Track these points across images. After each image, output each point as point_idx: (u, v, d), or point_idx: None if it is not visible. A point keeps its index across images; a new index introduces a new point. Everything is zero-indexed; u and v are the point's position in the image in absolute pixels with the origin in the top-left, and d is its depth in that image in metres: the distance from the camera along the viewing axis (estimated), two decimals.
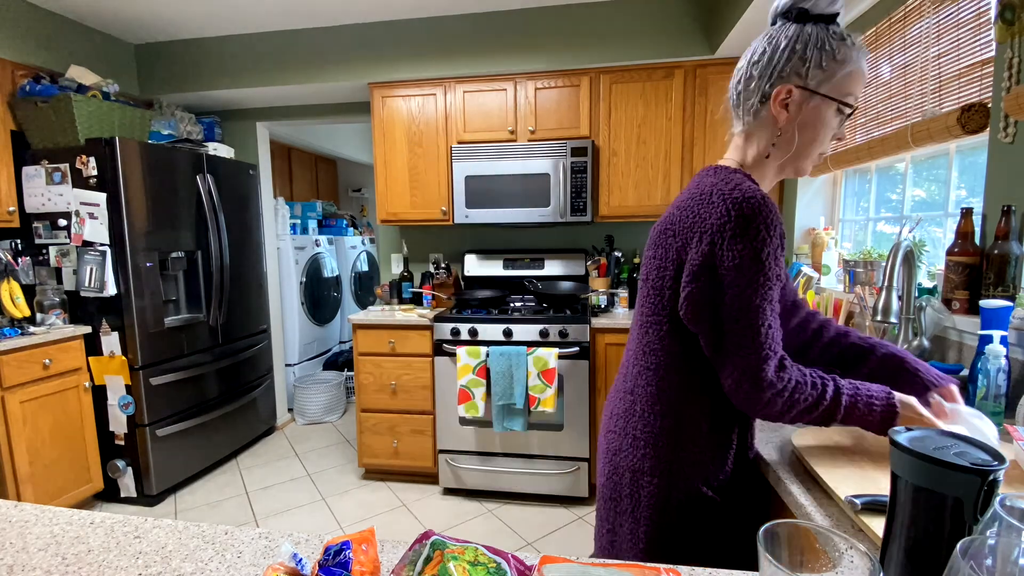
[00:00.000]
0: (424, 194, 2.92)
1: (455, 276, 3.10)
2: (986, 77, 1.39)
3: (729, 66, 2.57)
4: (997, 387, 1.04)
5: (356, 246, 4.93)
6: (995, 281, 1.24)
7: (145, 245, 2.58)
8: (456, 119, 2.84)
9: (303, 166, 4.93)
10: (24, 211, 2.57)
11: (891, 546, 0.56)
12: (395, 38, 2.86)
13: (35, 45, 2.61)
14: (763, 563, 0.45)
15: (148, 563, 0.66)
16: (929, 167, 1.86)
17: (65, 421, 2.45)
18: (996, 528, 0.44)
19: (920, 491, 0.53)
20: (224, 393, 3.10)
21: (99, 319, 2.55)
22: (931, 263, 1.73)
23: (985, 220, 1.36)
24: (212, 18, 2.82)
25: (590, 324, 2.51)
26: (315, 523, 2.49)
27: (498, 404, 2.47)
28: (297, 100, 3.34)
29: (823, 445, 0.97)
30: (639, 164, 2.71)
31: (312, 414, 3.77)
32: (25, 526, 0.74)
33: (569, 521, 2.47)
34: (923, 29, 1.68)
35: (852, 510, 0.75)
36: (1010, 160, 1.28)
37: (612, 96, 2.69)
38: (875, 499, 0.73)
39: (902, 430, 0.57)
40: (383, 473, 2.91)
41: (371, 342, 2.73)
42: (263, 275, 3.48)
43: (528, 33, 2.73)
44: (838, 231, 2.48)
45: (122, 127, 2.68)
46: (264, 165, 3.57)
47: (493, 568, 0.53)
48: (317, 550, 0.69)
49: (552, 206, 2.70)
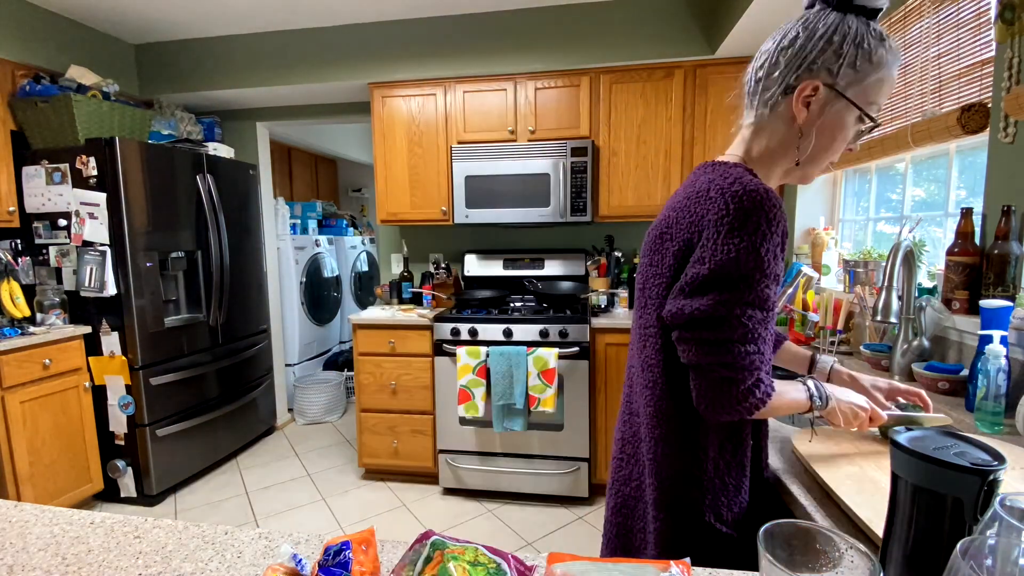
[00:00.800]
0: (424, 194, 2.92)
1: (455, 276, 3.10)
2: (986, 77, 1.39)
3: (729, 66, 2.57)
4: (997, 387, 1.04)
5: (356, 246, 4.93)
6: (995, 281, 1.24)
7: (145, 245, 2.58)
8: (456, 119, 2.84)
9: (303, 166, 4.93)
10: (24, 211, 2.57)
11: (891, 546, 0.56)
12: (395, 38, 2.86)
13: (35, 45, 2.61)
14: (763, 563, 0.45)
15: (148, 563, 0.66)
16: (929, 167, 1.86)
17: (65, 421, 2.45)
18: (996, 528, 0.44)
19: (920, 491, 0.53)
20: (224, 393, 3.10)
21: (99, 319, 2.55)
22: (931, 263, 1.73)
23: (985, 220, 1.36)
24: (212, 18, 2.82)
25: (590, 324, 2.51)
26: (315, 523, 2.49)
27: (498, 404, 2.47)
28: (297, 100, 3.34)
29: (823, 445, 0.97)
30: (639, 164, 2.71)
31: (312, 414, 3.77)
32: (25, 526, 0.74)
33: (569, 521, 2.47)
34: (923, 29, 1.68)
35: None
36: (1010, 160, 1.28)
37: (612, 96, 2.69)
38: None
39: (902, 430, 0.57)
40: (383, 473, 2.91)
41: (371, 342, 2.73)
42: (263, 275, 3.48)
43: (528, 33, 2.73)
44: (838, 231, 2.48)
45: (122, 127, 2.68)
46: (264, 165, 3.57)
47: (493, 568, 0.53)
48: (317, 550, 0.69)
49: (552, 206, 2.70)
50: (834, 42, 0.72)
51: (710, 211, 0.73)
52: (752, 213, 0.69)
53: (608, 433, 2.58)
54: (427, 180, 2.91)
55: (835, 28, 0.72)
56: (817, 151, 0.78)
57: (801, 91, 0.74)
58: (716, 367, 0.72)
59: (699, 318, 0.73)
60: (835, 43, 0.72)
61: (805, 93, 0.74)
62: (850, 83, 0.73)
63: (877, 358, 1.53)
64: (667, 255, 0.80)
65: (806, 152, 0.77)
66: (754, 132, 0.82)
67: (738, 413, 0.73)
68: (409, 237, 3.34)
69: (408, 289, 3.11)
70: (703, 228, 0.74)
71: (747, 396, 0.72)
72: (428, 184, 2.91)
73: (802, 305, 2.04)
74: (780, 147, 0.79)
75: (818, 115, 0.75)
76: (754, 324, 0.72)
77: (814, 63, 0.73)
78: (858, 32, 0.71)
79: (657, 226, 0.85)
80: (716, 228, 0.72)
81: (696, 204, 0.76)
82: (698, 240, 0.75)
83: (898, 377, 1.43)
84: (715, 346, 0.72)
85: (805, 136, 0.77)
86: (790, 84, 0.75)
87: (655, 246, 0.84)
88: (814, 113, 0.75)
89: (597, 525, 2.42)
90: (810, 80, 0.74)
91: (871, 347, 1.59)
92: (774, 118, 0.79)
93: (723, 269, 0.71)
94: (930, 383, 1.30)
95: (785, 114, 0.77)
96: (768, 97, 0.78)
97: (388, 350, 2.71)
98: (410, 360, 2.70)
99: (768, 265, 0.71)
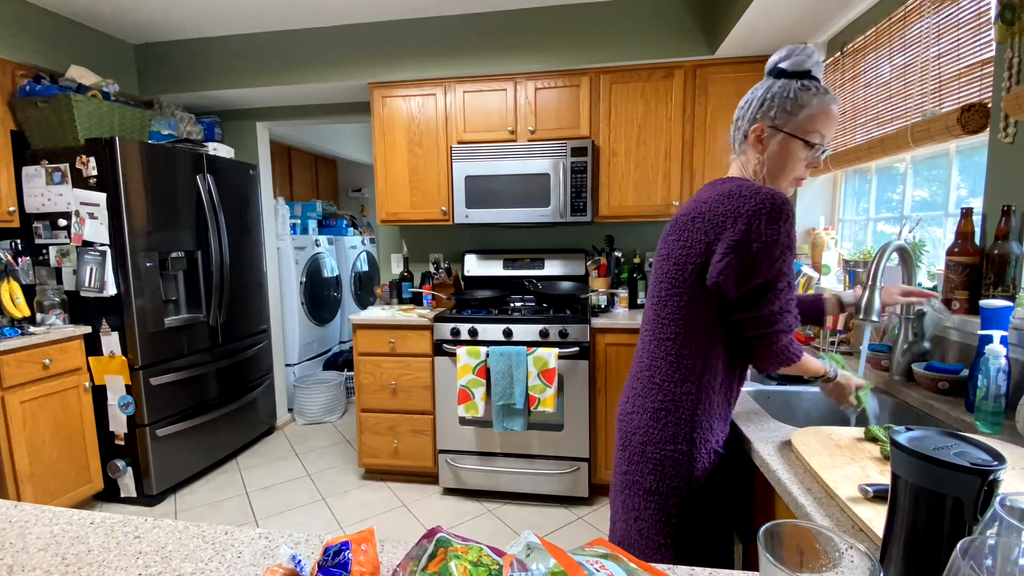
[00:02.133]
0: (424, 194, 2.92)
1: (455, 276, 3.10)
2: (986, 77, 1.39)
3: (729, 66, 2.57)
4: (997, 387, 1.04)
5: (356, 246, 4.93)
6: (995, 281, 1.24)
7: (145, 245, 2.58)
8: (456, 119, 2.84)
9: (303, 166, 4.93)
10: (24, 211, 2.57)
11: (891, 546, 0.56)
12: (395, 38, 2.86)
13: (35, 45, 2.61)
14: (763, 563, 0.45)
15: (148, 563, 0.66)
16: (929, 167, 1.86)
17: (65, 421, 2.45)
18: (996, 528, 0.44)
19: (920, 491, 0.53)
20: (224, 393, 3.10)
21: (99, 319, 2.55)
22: (931, 263, 1.73)
23: (985, 220, 1.36)
24: (212, 18, 2.82)
25: (590, 324, 2.50)
26: (315, 523, 2.49)
27: (498, 404, 2.47)
28: (297, 100, 3.34)
29: (823, 445, 0.97)
30: (639, 164, 2.71)
31: (312, 414, 3.77)
32: (25, 526, 0.74)
33: (569, 521, 2.47)
34: (923, 29, 1.68)
35: (865, 497, 0.76)
36: (1010, 160, 1.28)
37: (612, 96, 2.69)
38: (887, 488, 0.74)
39: (902, 430, 0.57)
40: (383, 473, 2.91)
41: (371, 342, 2.73)
42: (263, 275, 3.48)
43: (528, 33, 2.73)
44: (838, 231, 2.48)
45: (122, 127, 2.68)
46: (264, 165, 3.57)
47: (496, 570, 0.53)
48: (317, 550, 0.68)
49: (552, 206, 2.70)
50: (766, 100, 1.05)
51: (747, 203, 0.97)
52: (783, 208, 0.96)
53: (609, 433, 2.58)
54: (427, 180, 2.91)
55: (768, 89, 1.06)
56: (775, 171, 1.07)
57: (754, 131, 1.07)
58: (770, 335, 1.00)
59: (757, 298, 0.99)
60: (766, 100, 1.05)
61: (756, 133, 1.07)
62: (786, 122, 1.04)
63: (877, 358, 1.53)
64: (698, 232, 1.03)
65: (763, 173, 1.08)
66: (740, 164, 1.13)
67: (782, 364, 1.04)
68: (409, 237, 3.34)
69: (408, 289, 3.11)
70: (740, 214, 0.97)
71: (786, 351, 1.03)
72: (428, 184, 2.91)
73: None
74: (753, 173, 1.10)
75: (767, 147, 1.06)
76: (787, 297, 1.00)
77: (757, 113, 1.07)
78: (784, 88, 1.03)
79: (687, 212, 1.07)
80: (757, 216, 0.95)
81: (730, 199, 1.00)
82: (734, 221, 0.97)
83: (898, 377, 1.43)
84: (768, 319, 0.99)
85: (764, 162, 1.07)
86: (745, 131, 1.09)
87: (687, 225, 1.06)
88: (765, 146, 1.07)
89: (597, 525, 2.42)
90: (756, 125, 1.07)
91: (871, 347, 1.59)
92: (744, 153, 1.11)
93: (769, 251, 0.95)
94: (930, 383, 1.30)
95: (749, 149, 1.10)
96: (738, 140, 1.12)
97: (388, 350, 2.71)
98: (410, 360, 2.70)
99: (793, 247, 0.98)
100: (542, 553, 0.54)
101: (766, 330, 1.00)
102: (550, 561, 0.53)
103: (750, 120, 1.08)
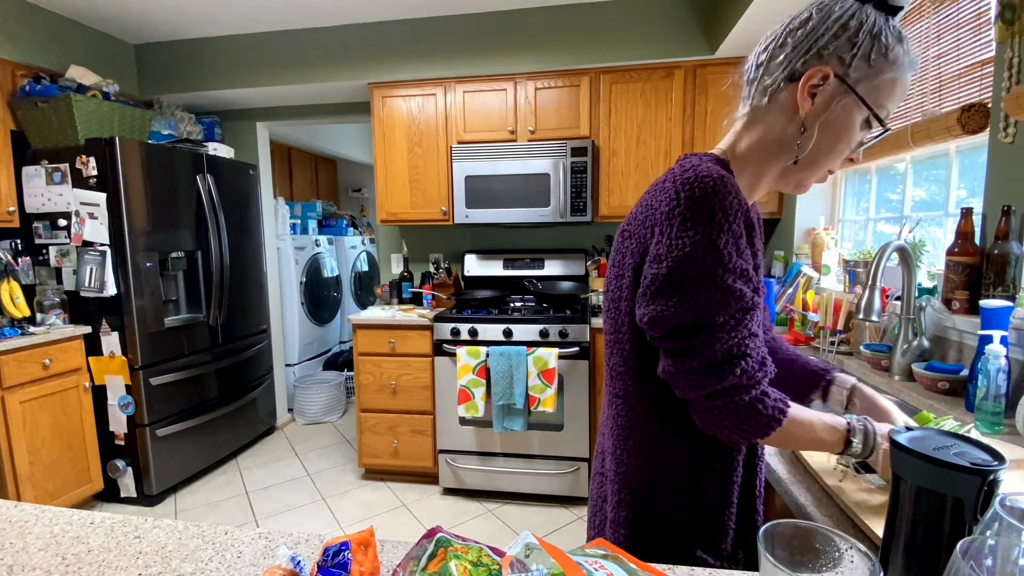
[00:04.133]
0: (424, 194, 2.92)
1: (455, 276, 3.10)
2: (986, 77, 1.39)
3: (729, 66, 2.56)
4: (997, 387, 1.04)
5: (356, 246, 4.93)
6: (995, 281, 1.24)
7: (145, 245, 2.58)
8: (456, 119, 2.84)
9: (303, 166, 4.93)
10: (24, 211, 2.57)
11: (891, 546, 0.56)
12: (395, 38, 2.86)
13: (35, 45, 2.61)
14: (763, 563, 0.45)
15: (148, 563, 0.66)
16: (929, 167, 1.86)
17: (65, 421, 2.45)
18: (996, 528, 0.44)
19: (920, 491, 0.53)
20: (224, 393, 3.09)
21: (99, 319, 2.55)
22: (931, 263, 1.73)
23: (985, 220, 1.36)
24: (212, 18, 2.82)
25: (590, 324, 2.50)
26: (315, 523, 2.49)
27: (498, 404, 2.47)
28: (297, 100, 3.34)
29: None
30: (639, 164, 2.71)
31: (312, 414, 3.77)
32: (25, 526, 0.74)
33: (569, 521, 2.47)
34: (923, 29, 1.68)
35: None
36: (1010, 160, 1.28)
37: (612, 96, 2.69)
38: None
39: (902, 430, 0.57)
40: (383, 473, 2.91)
41: (371, 342, 2.73)
42: (263, 275, 3.47)
43: (528, 33, 2.73)
44: (838, 231, 2.48)
45: (122, 127, 2.68)
46: (264, 165, 3.57)
47: (496, 570, 0.53)
48: (316, 551, 0.68)
49: (552, 206, 2.70)
50: (850, 28, 0.63)
51: (662, 203, 0.67)
52: (704, 202, 0.62)
53: None
54: (427, 180, 2.91)
55: (852, 14, 0.64)
56: (818, 151, 0.68)
57: (808, 78, 0.65)
58: (718, 398, 0.64)
59: (665, 324, 0.65)
60: (851, 29, 0.63)
61: (812, 81, 0.65)
62: (862, 78, 0.64)
63: (877, 358, 1.53)
64: (626, 254, 0.73)
65: (806, 150, 0.68)
66: (747, 124, 0.73)
67: (754, 434, 0.65)
68: (409, 237, 3.34)
69: (408, 289, 3.11)
70: (656, 221, 0.67)
71: (751, 414, 0.64)
72: (428, 184, 2.91)
73: (802, 305, 2.04)
74: (776, 143, 0.70)
75: (823, 109, 0.66)
76: (735, 335, 0.64)
77: (825, 48, 0.64)
78: (876, 23, 0.63)
79: (621, 225, 0.79)
80: (668, 220, 0.65)
81: (652, 197, 0.70)
82: (651, 234, 0.68)
83: (898, 377, 1.43)
84: (707, 373, 0.64)
85: (807, 131, 0.67)
86: (796, 70, 0.66)
87: (617, 246, 0.77)
88: (819, 106, 0.66)
89: None
90: (819, 67, 0.65)
91: (871, 347, 1.59)
92: (773, 109, 0.70)
93: (681, 266, 0.63)
94: (930, 383, 1.30)
95: (786, 105, 0.68)
96: (770, 83, 0.69)
97: (388, 350, 2.71)
98: (410, 360, 2.70)
99: (729, 259, 0.63)
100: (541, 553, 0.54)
101: (710, 389, 0.64)
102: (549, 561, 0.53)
103: (806, 53, 0.66)
